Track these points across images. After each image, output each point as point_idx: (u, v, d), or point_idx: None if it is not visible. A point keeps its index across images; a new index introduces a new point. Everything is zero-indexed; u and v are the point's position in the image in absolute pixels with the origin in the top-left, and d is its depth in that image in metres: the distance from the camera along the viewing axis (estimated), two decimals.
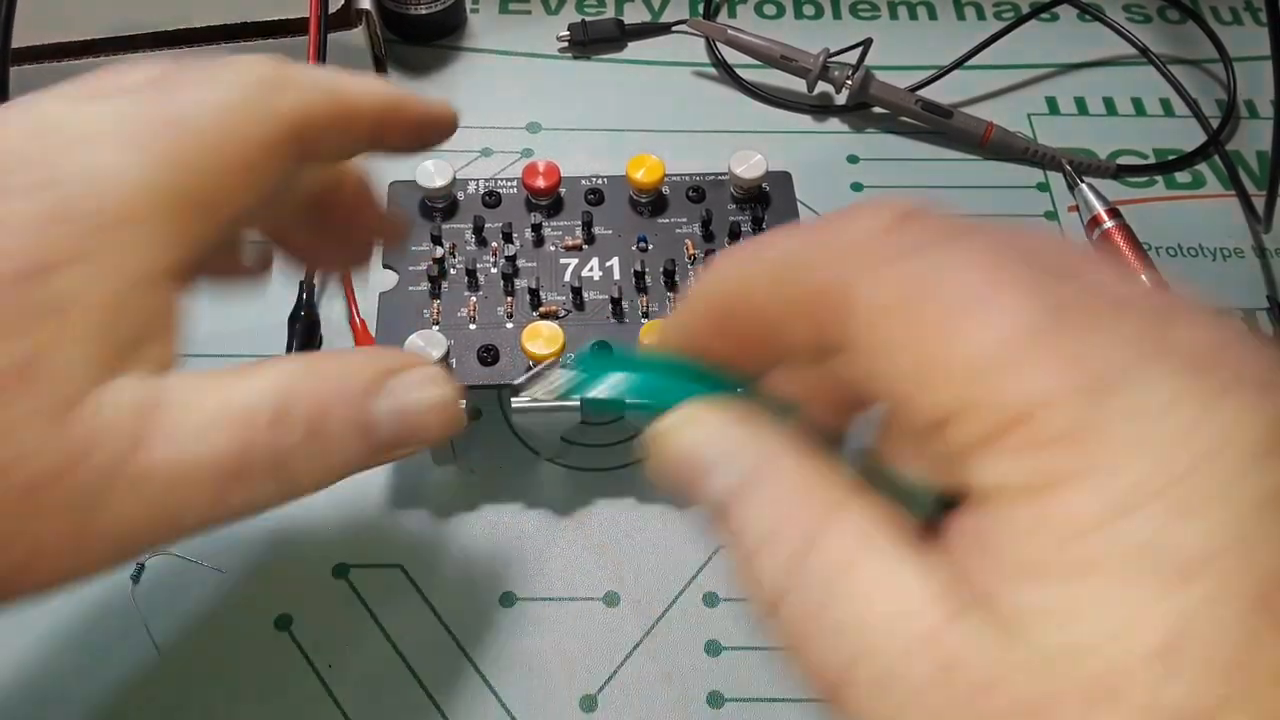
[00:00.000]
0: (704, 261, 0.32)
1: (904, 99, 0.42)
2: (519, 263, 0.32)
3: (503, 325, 0.31)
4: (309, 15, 0.36)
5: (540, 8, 0.47)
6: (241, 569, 0.31)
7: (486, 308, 0.32)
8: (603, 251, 0.33)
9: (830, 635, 0.13)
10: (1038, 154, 0.42)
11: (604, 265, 0.33)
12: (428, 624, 0.30)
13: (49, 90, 0.18)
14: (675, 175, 0.34)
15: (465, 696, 0.29)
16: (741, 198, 0.34)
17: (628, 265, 0.32)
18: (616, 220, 0.34)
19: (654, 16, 0.47)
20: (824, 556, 0.14)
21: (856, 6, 0.48)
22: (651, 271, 0.32)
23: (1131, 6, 0.48)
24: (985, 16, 0.47)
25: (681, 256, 0.33)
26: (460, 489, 0.33)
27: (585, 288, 0.32)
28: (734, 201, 0.34)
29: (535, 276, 0.32)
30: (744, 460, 0.15)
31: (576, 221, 0.33)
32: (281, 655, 0.30)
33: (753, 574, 0.15)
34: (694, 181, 0.34)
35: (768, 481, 0.15)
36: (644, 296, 0.32)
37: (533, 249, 0.33)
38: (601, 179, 0.34)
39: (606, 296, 0.32)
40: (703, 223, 0.33)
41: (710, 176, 0.35)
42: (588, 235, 0.33)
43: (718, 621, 0.31)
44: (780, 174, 0.35)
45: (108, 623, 0.30)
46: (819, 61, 0.42)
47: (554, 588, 0.31)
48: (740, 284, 0.17)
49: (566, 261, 0.33)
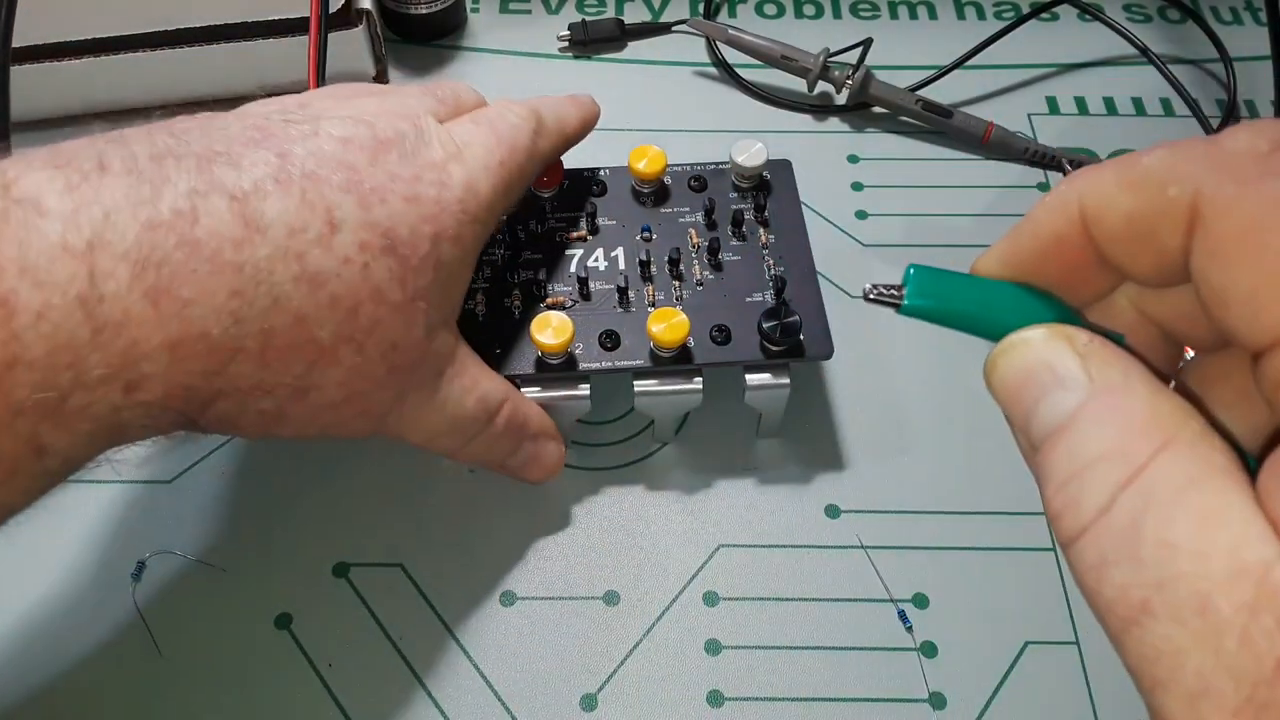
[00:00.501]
0: (706, 250, 0.33)
1: (904, 99, 0.42)
2: (525, 254, 0.33)
3: (510, 318, 0.31)
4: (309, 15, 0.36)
5: (540, 7, 0.47)
6: (241, 568, 0.31)
7: (494, 301, 0.32)
8: (607, 242, 0.33)
9: (1142, 559, 0.13)
10: (1038, 154, 0.42)
11: (609, 255, 0.33)
12: (428, 624, 0.30)
13: (407, 91, 0.28)
14: (676, 165, 0.35)
15: (465, 696, 0.29)
16: (743, 186, 0.34)
17: (632, 255, 0.33)
18: (620, 211, 0.34)
19: (654, 16, 0.47)
20: (1157, 478, 0.14)
21: (856, 6, 0.48)
22: (656, 260, 0.32)
23: (1131, 6, 0.48)
24: (985, 16, 0.47)
25: (686, 245, 0.33)
26: (460, 489, 0.33)
27: (591, 278, 0.32)
28: (735, 190, 0.34)
29: (542, 269, 0.32)
30: (1089, 381, 0.16)
31: (580, 213, 0.34)
32: (281, 655, 0.30)
33: (1072, 495, 0.15)
34: (695, 171, 0.35)
35: (1111, 403, 0.15)
36: (650, 286, 0.32)
37: (538, 242, 0.33)
38: (604, 170, 0.35)
39: (613, 286, 0.32)
40: (705, 211, 0.34)
41: (711, 166, 0.35)
42: (591, 226, 0.33)
43: (718, 621, 0.31)
44: (780, 162, 0.35)
45: (108, 622, 0.30)
46: (819, 61, 0.42)
47: (554, 587, 0.31)
48: (1097, 199, 0.17)
49: (572, 253, 0.33)
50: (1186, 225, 0.15)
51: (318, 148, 0.24)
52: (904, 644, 0.30)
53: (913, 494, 0.33)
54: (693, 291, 0.32)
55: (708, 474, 0.33)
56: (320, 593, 0.31)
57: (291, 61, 0.38)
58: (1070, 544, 0.15)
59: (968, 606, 0.31)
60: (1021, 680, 0.30)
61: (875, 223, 0.40)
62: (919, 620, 0.31)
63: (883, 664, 0.30)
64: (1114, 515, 0.14)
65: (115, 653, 0.29)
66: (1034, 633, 0.31)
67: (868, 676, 0.30)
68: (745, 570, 0.31)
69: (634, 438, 0.34)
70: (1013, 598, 0.31)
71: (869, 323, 0.37)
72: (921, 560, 0.32)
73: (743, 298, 0.32)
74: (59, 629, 0.30)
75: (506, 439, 0.29)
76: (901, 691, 0.29)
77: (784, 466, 0.34)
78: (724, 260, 0.32)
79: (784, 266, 0.32)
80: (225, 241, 0.21)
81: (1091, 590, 0.14)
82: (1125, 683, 0.33)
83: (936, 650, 0.30)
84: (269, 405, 0.23)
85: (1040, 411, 0.16)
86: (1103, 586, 0.14)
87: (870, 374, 0.36)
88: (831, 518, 0.33)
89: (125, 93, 0.41)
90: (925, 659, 0.30)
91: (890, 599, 0.31)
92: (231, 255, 0.21)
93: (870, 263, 0.39)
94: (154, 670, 0.29)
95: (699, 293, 0.32)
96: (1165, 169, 0.16)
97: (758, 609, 0.31)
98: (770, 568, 0.32)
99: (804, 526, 0.32)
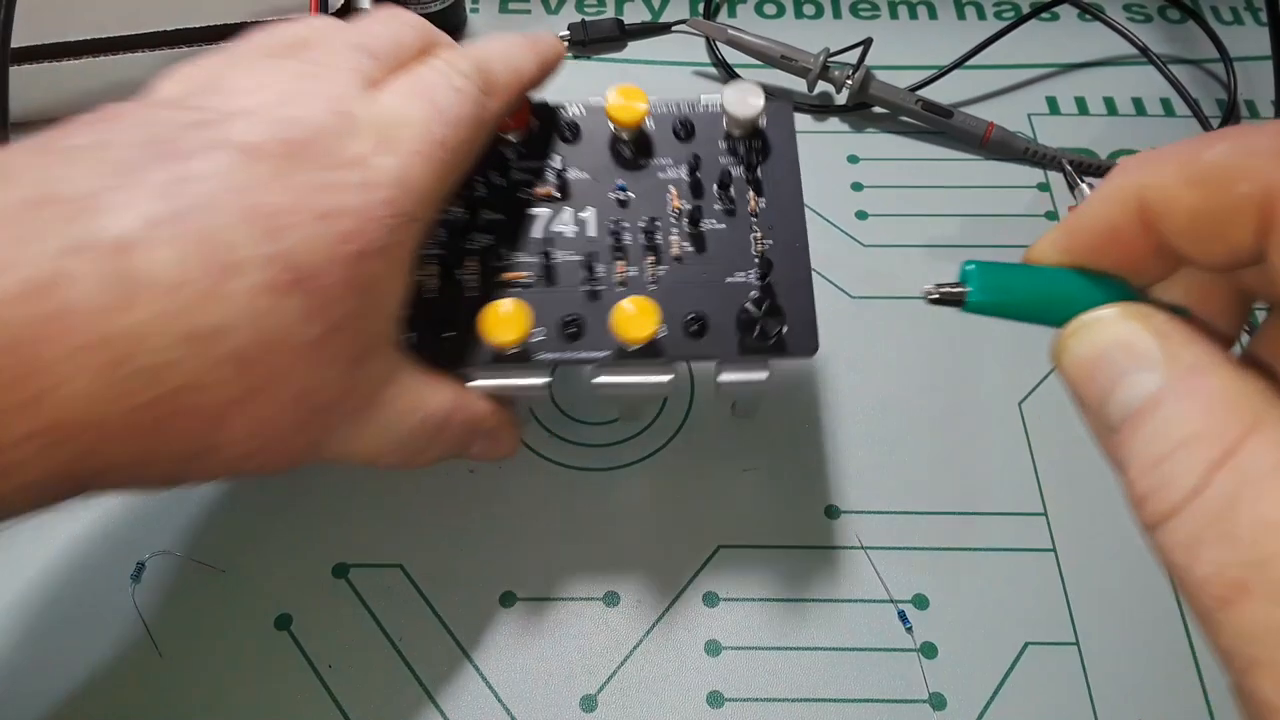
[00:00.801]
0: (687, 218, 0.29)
1: (904, 99, 0.42)
2: (483, 214, 0.29)
3: (463, 295, 0.27)
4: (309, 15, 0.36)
5: (540, 8, 0.47)
6: (241, 569, 0.31)
7: (446, 273, 0.28)
8: (577, 200, 0.29)
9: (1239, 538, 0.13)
10: (1038, 154, 0.42)
11: (578, 218, 0.29)
12: (428, 624, 0.30)
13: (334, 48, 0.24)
14: (664, 106, 0.30)
15: (465, 696, 0.29)
16: (735, 136, 0.30)
17: (604, 220, 0.29)
18: (593, 162, 0.30)
19: (654, 16, 0.47)
20: (1251, 458, 0.14)
21: (856, 6, 0.48)
22: (630, 228, 0.28)
23: (1131, 6, 0.48)
24: (985, 16, 0.48)
25: (665, 210, 0.29)
26: (460, 489, 0.33)
27: (557, 245, 0.28)
28: (726, 139, 0.30)
29: (503, 231, 0.28)
30: (1170, 363, 0.15)
31: (548, 163, 0.30)
32: (281, 655, 0.30)
33: (1158, 480, 0.14)
34: (683, 114, 0.30)
35: (1194, 386, 0.15)
36: (621, 262, 0.28)
37: (499, 198, 0.29)
38: (578, 109, 0.30)
39: (580, 258, 0.28)
40: (690, 168, 0.29)
41: (703, 107, 0.30)
42: (560, 182, 0.29)
43: (718, 621, 0.31)
44: (779, 105, 0.30)
45: (108, 623, 0.30)
46: (819, 61, 0.42)
47: (554, 588, 0.31)
48: (1160, 194, 0.16)
49: (537, 212, 0.29)
50: (1260, 222, 0.15)
51: (216, 167, 0.20)
52: (904, 644, 0.30)
53: (913, 494, 0.33)
54: (670, 268, 0.28)
55: (707, 474, 0.33)
56: (320, 593, 0.31)
57: None
58: (1159, 525, 0.14)
59: (968, 607, 0.31)
60: (1021, 680, 0.30)
61: (875, 223, 0.40)
62: (919, 621, 0.31)
63: (883, 664, 0.30)
64: (1208, 495, 0.14)
65: (115, 653, 0.29)
66: (1034, 633, 0.31)
67: (868, 677, 0.30)
68: (745, 570, 0.31)
69: (634, 438, 0.34)
70: (1013, 598, 0.31)
71: (868, 322, 0.37)
72: (921, 560, 0.32)
73: (724, 277, 0.28)
74: (59, 629, 0.30)
75: (457, 444, 0.27)
76: (901, 692, 0.29)
77: (784, 466, 0.34)
78: (706, 231, 0.29)
79: (772, 241, 0.28)
80: (98, 310, 0.18)
81: (1182, 569, 0.14)
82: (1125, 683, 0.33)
83: (936, 651, 0.30)
84: (167, 468, 0.21)
85: (1118, 393, 0.16)
86: (1196, 565, 0.14)
87: (870, 373, 0.36)
88: (831, 518, 0.33)
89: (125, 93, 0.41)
90: (925, 659, 0.30)
91: (890, 599, 0.31)
92: (104, 326, 0.18)
93: (870, 262, 0.39)
94: (154, 670, 0.29)
95: (676, 270, 0.28)
96: (1233, 164, 0.15)
97: (758, 609, 0.31)
98: (770, 568, 0.32)
99: (804, 526, 0.32)
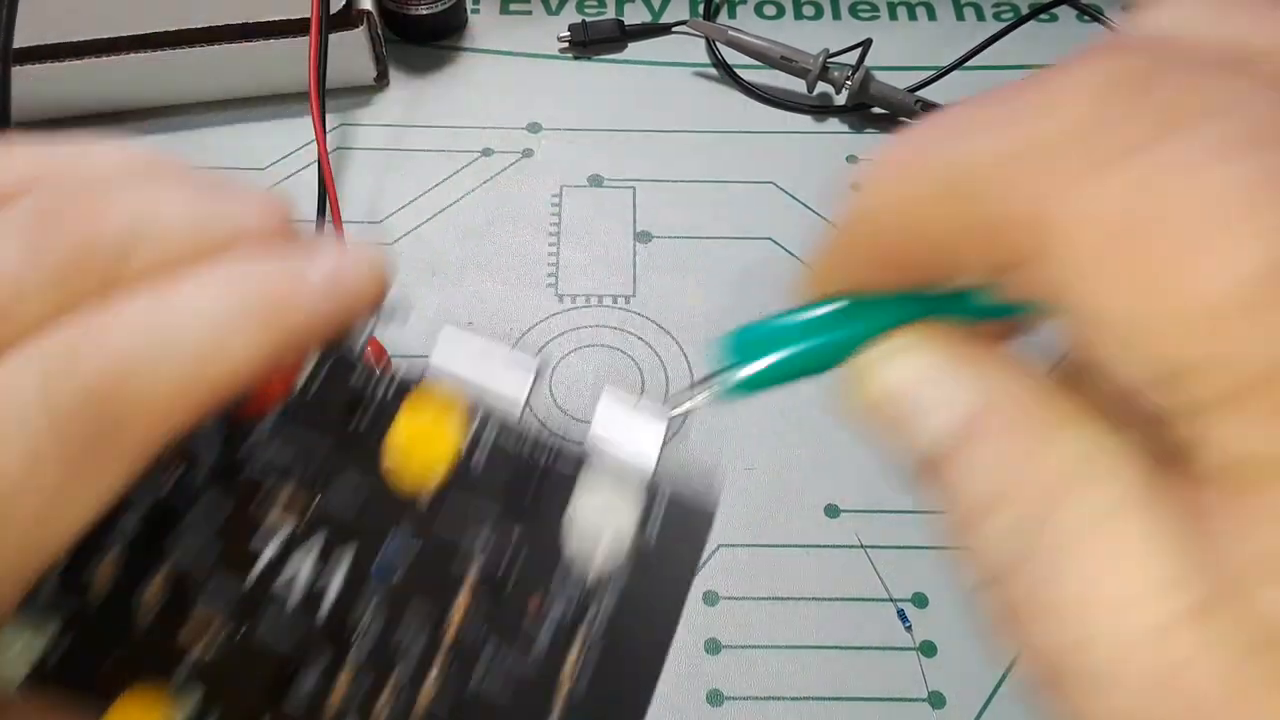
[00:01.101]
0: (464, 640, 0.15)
1: (904, 99, 0.42)
2: (190, 514, 0.16)
3: (129, 636, 0.15)
4: (310, 15, 0.36)
5: (541, 8, 0.47)
6: None
7: (116, 603, 0.15)
8: (329, 536, 0.15)
9: (1051, 616, 0.12)
10: None
11: (323, 566, 0.15)
12: None
13: None
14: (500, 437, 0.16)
15: None
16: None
17: (351, 588, 0.15)
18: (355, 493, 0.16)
19: (654, 17, 0.47)
20: (1061, 523, 0.12)
21: (856, 6, 0.48)
22: (373, 625, 0.15)
23: (1131, 7, 0.48)
24: (985, 17, 0.48)
25: (444, 614, 0.15)
26: None
27: (269, 604, 0.15)
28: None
29: (207, 551, 0.15)
30: (968, 399, 0.13)
31: (299, 466, 0.16)
32: None
33: (973, 537, 0.13)
34: (525, 457, 0.16)
35: (998, 426, 0.12)
36: (344, 672, 0.15)
37: (216, 494, 0.16)
38: (374, 386, 0.16)
39: (293, 634, 0.15)
40: (509, 557, 0.15)
41: (560, 445, 0.16)
42: (308, 503, 0.16)
43: (718, 621, 0.31)
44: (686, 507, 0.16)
45: None
46: (819, 62, 0.42)
47: None
48: (900, 209, 0.13)
49: (263, 542, 0.15)
50: (1025, 238, 0.11)
51: None
52: (903, 643, 0.30)
53: (913, 494, 0.33)
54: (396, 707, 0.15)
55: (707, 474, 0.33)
56: None
57: (292, 62, 0.38)
58: (978, 592, 0.13)
59: (967, 606, 0.31)
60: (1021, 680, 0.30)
61: None
62: (918, 620, 0.31)
63: (882, 663, 0.30)
64: (1019, 569, 0.12)
65: None
66: None
67: (867, 676, 0.30)
68: (745, 570, 0.32)
69: None
70: None
71: None
72: (921, 560, 0.32)
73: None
74: None
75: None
76: (901, 691, 0.29)
77: (784, 466, 0.34)
78: (480, 680, 0.15)
79: None
80: None
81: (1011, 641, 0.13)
82: None
83: (936, 650, 0.30)
84: None
85: (915, 440, 0.13)
86: (1017, 643, 0.12)
87: None
88: (831, 518, 0.33)
89: (125, 92, 0.41)
90: (925, 658, 0.30)
91: (890, 598, 0.31)
92: None
93: None
94: None
95: None
96: (982, 176, 0.12)
97: (758, 609, 0.31)
98: (770, 568, 0.32)
99: (804, 526, 0.32)
